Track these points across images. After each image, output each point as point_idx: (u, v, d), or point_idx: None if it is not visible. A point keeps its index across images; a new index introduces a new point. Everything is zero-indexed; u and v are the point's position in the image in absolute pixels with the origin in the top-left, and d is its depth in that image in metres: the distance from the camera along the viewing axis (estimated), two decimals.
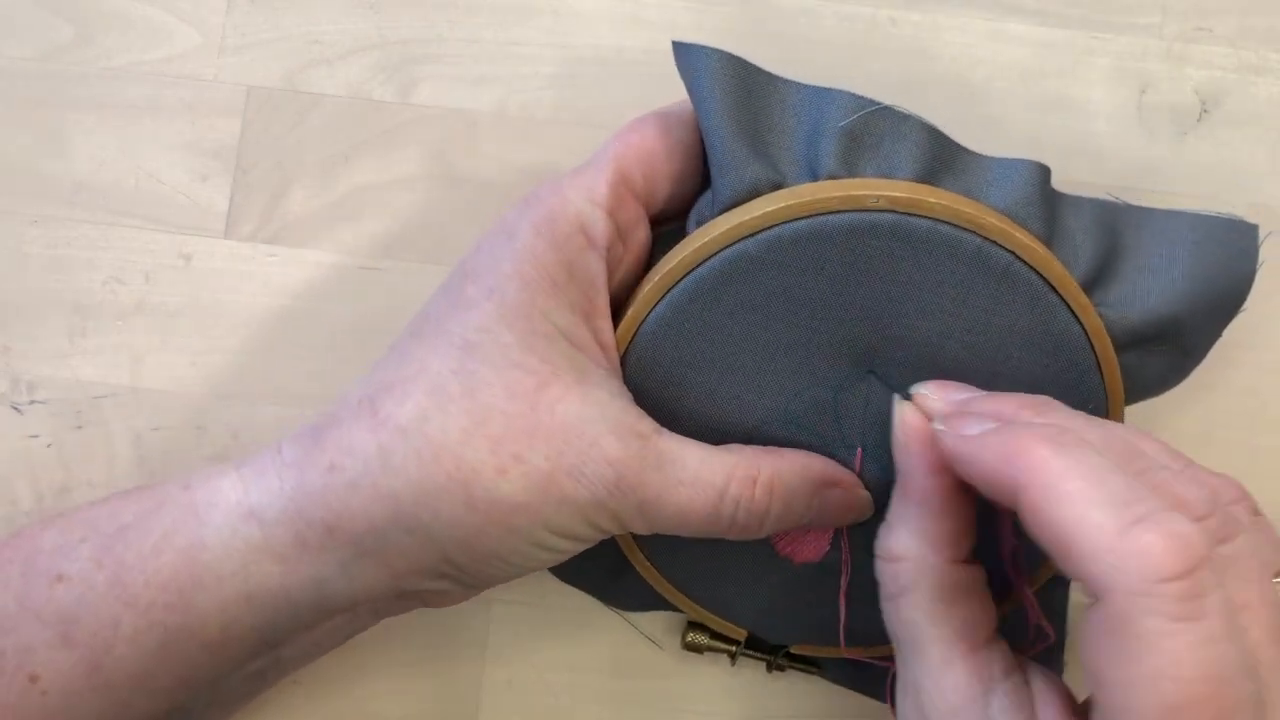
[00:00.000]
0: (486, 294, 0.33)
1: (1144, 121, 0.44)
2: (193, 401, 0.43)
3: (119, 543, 0.33)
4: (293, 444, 0.34)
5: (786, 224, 0.34)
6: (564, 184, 0.34)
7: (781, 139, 0.35)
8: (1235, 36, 0.44)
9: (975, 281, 0.34)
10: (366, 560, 0.33)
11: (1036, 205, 0.35)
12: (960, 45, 0.44)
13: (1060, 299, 0.34)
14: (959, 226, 0.34)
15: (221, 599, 0.33)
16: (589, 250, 0.34)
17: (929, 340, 0.35)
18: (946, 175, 0.35)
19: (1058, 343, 0.35)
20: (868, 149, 0.35)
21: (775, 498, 0.34)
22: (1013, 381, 0.35)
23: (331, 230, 0.43)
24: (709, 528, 0.34)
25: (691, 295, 0.34)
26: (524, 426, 0.32)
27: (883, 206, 0.33)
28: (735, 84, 0.35)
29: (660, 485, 0.33)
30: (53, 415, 0.43)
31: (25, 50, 0.44)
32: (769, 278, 0.34)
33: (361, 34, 0.44)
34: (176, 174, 0.43)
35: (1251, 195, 0.43)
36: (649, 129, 0.35)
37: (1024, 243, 0.34)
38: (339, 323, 0.43)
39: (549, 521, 0.32)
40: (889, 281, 0.34)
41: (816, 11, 0.44)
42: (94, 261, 0.43)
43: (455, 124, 0.44)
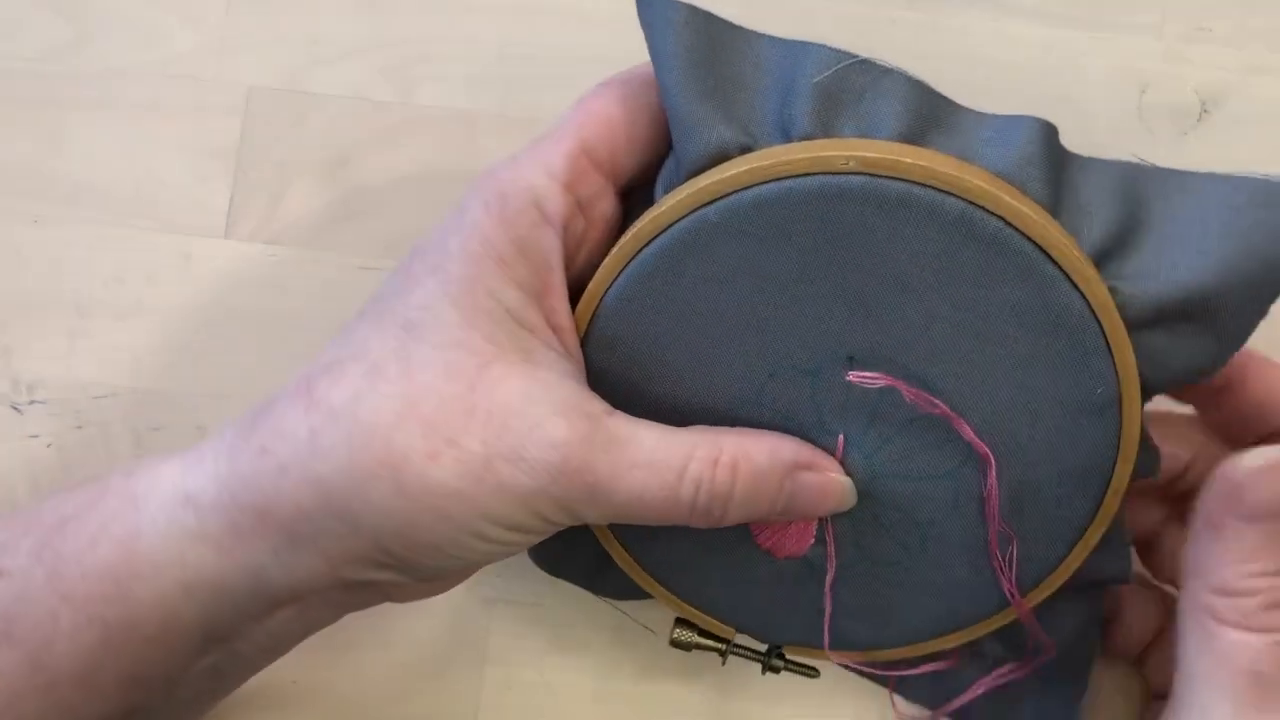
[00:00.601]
0: (430, 271, 0.31)
1: (1144, 121, 0.44)
2: (192, 401, 0.43)
3: (58, 535, 0.32)
4: (234, 426, 0.32)
5: (749, 189, 0.31)
6: (519, 158, 0.33)
7: (752, 98, 0.32)
8: (1236, 36, 0.44)
9: (960, 251, 0.30)
10: (301, 548, 0.31)
11: (1038, 166, 0.31)
12: (960, 45, 0.44)
13: (1059, 270, 0.30)
14: (939, 189, 0.30)
15: (160, 589, 0.31)
16: (542, 226, 0.32)
17: (912, 318, 0.31)
18: (936, 134, 0.32)
19: (1058, 319, 0.31)
20: (846, 107, 0.31)
21: (740, 479, 0.32)
22: (1009, 363, 0.32)
23: (331, 230, 0.43)
24: (669, 513, 0.31)
25: (652, 268, 0.32)
26: (460, 408, 0.30)
27: (853, 169, 0.30)
28: (699, 39, 0.32)
29: (611, 468, 0.30)
30: (53, 415, 0.43)
31: (25, 50, 0.44)
32: (732, 247, 0.31)
33: (361, 34, 0.44)
34: (176, 174, 0.43)
35: None
36: (611, 94, 0.33)
37: (1013, 207, 0.30)
38: (339, 323, 0.43)
39: (486, 511, 0.30)
40: (863, 253, 0.31)
41: (816, 11, 0.44)
42: (94, 261, 0.43)
43: (455, 124, 0.44)
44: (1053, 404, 0.32)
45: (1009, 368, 0.32)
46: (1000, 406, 0.32)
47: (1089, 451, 0.33)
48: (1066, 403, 0.32)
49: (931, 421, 0.33)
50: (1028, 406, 0.32)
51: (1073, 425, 0.32)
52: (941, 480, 0.34)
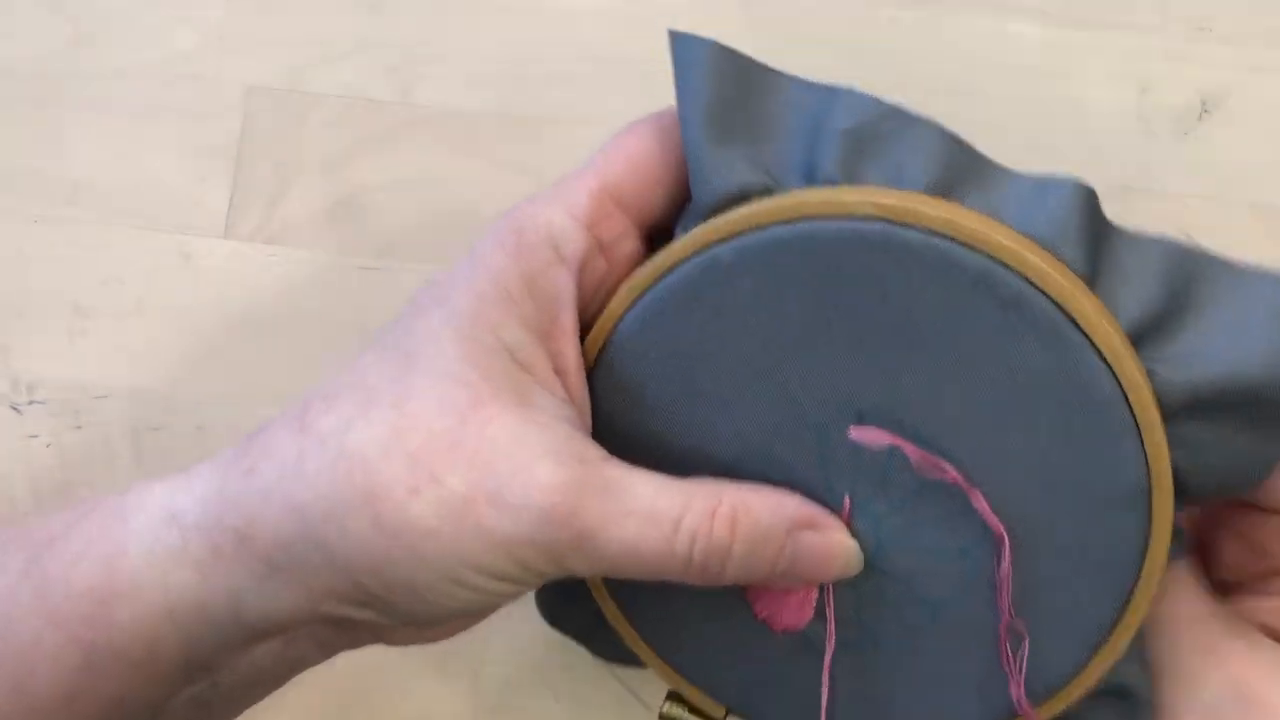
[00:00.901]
0: (437, 303, 0.31)
1: (1144, 121, 0.44)
2: (193, 401, 0.43)
3: (46, 554, 0.31)
4: (232, 448, 0.32)
5: (764, 229, 0.30)
6: (540, 196, 0.32)
7: (778, 141, 0.31)
8: (1236, 36, 0.44)
9: (979, 310, 0.29)
10: (281, 576, 0.30)
11: (1074, 230, 0.29)
12: (960, 45, 0.44)
13: (1085, 339, 0.28)
14: (960, 242, 0.29)
15: (141, 612, 0.30)
16: (556, 265, 0.31)
17: (926, 378, 0.30)
18: (965, 190, 0.30)
19: (1082, 393, 0.29)
20: (874, 155, 0.30)
21: (739, 534, 0.30)
22: (1027, 438, 0.29)
23: (331, 230, 0.43)
24: (663, 567, 0.30)
25: (661, 305, 0.31)
26: (447, 444, 0.29)
27: (872, 215, 0.29)
28: (726, 79, 0.31)
29: (603, 515, 0.29)
30: (52, 415, 0.43)
31: (25, 50, 0.44)
32: (743, 288, 0.30)
33: (361, 34, 0.44)
34: (176, 174, 0.43)
35: (1253, 195, 0.43)
36: (642, 134, 0.32)
37: (1038, 266, 0.28)
38: (339, 323, 0.43)
39: (464, 555, 0.29)
40: (879, 304, 0.29)
41: (816, 11, 0.44)
42: (94, 261, 0.43)
43: (455, 124, 0.44)
44: (1074, 488, 0.30)
45: (1027, 443, 0.30)
46: (1016, 484, 0.30)
47: (1114, 546, 0.30)
48: (1090, 488, 0.30)
49: (944, 491, 0.31)
50: (1047, 488, 0.30)
51: (1096, 515, 0.30)
52: (953, 557, 0.31)
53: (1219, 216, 0.43)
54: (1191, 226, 0.43)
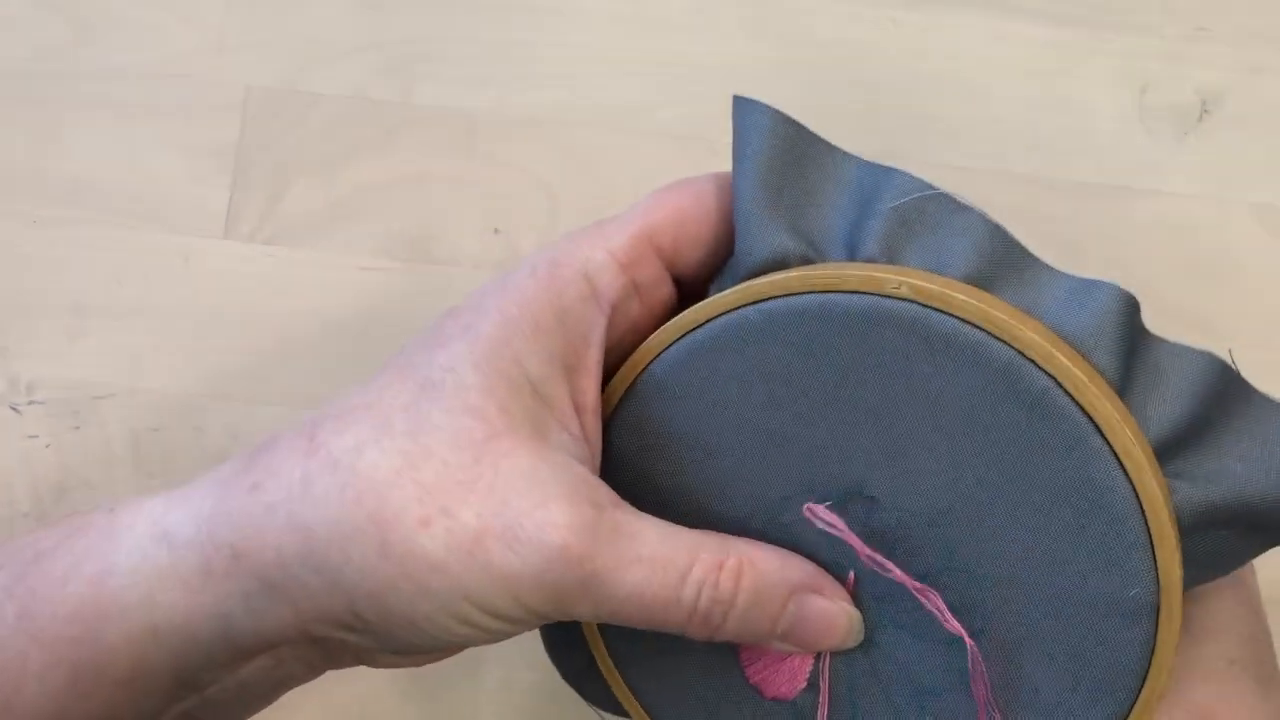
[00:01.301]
0: (461, 330, 0.30)
1: (1144, 121, 0.44)
2: (192, 401, 0.43)
3: (33, 571, 0.31)
4: (231, 462, 0.31)
5: (796, 296, 0.30)
6: (581, 232, 0.32)
7: (824, 213, 0.31)
8: (1236, 36, 0.44)
9: (1001, 404, 0.29)
10: (272, 596, 0.30)
11: (1109, 335, 0.29)
12: (961, 45, 0.44)
13: (1107, 446, 0.28)
14: (989, 333, 0.28)
15: (127, 632, 0.30)
16: (589, 300, 0.31)
17: (940, 464, 0.30)
18: (1004, 283, 0.30)
19: (1097, 500, 0.28)
20: (917, 237, 0.30)
21: (743, 588, 0.30)
22: (1036, 537, 0.29)
23: (331, 230, 0.43)
24: (667, 615, 0.29)
25: (686, 359, 0.31)
26: (462, 478, 0.28)
27: (904, 295, 0.29)
28: (782, 147, 0.31)
29: (613, 560, 0.29)
30: (51, 416, 0.43)
31: (25, 50, 0.44)
32: (769, 352, 0.30)
33: (361, 34, 0.44)
34: (176, 174, 0.43)
35: (1253, 195, 0.43)
36: (693, 189, 0.32)
37: (1065, 366, 0.28)
38: (339, 323, 0.43)
39: (469, 591, 0.28)
40: (902, 384, 0.29)
41: (817, 11, 0.44)
42: (94, 261, 0.43)
43: (455, 124, 0.44)
44: (1080, 595, 0.29)
45: (1036, 542, 0.29)
46: (1019, 583, 0.30)
47: (1116, 660, 0.30)
48: (1095, 597, 0.29)
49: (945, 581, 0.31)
50: (1051, 591, 0.30)
51: (1098, 625, 0.30)
52: (950, 647, 0.31)
53: (1219, 216, 0.43)
54: (1191, 226, 0.43)
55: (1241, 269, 0.43)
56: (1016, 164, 0.43)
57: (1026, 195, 0.43)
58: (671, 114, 0.44)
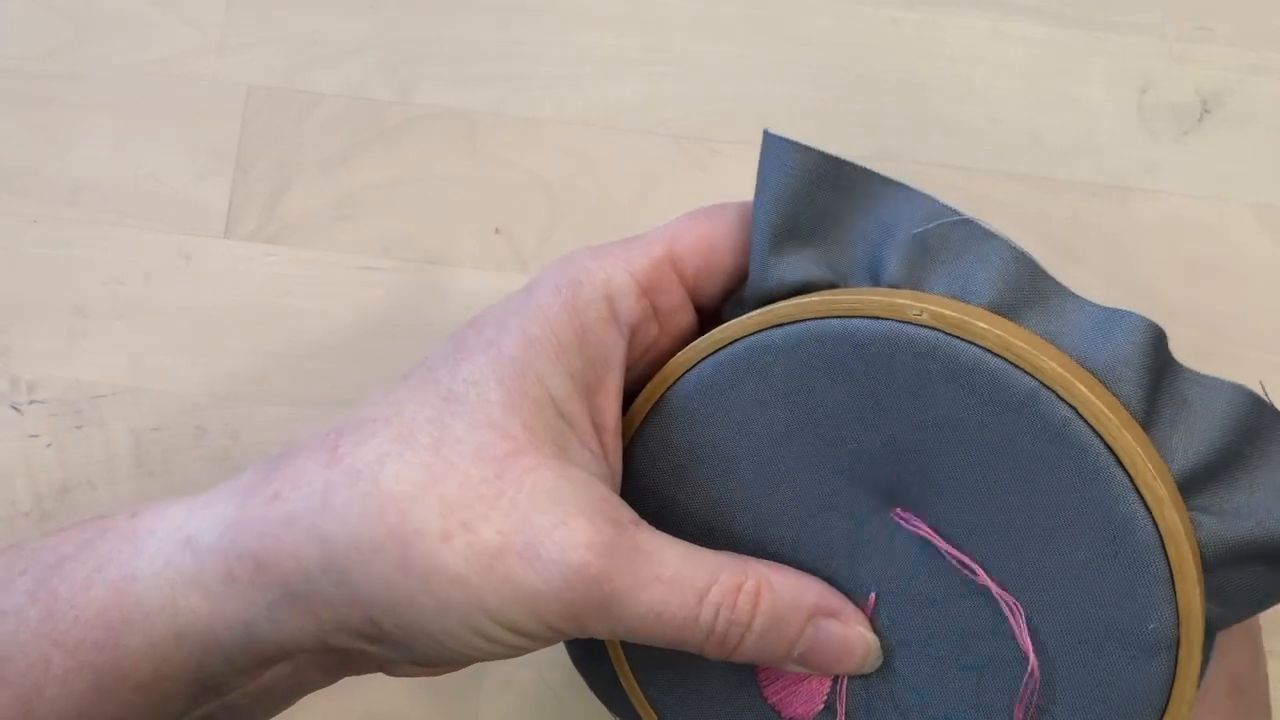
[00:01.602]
0: (485, 346, 0.30)
1: (1145, 121, 0.44)
2: (193, 401, 0.43)
3: (55, 575, 0.31)
4: (253, 469, 0.31)
5: (817, 320, 0.30)
6: (603, 249, 0.31)
7: (848, 238, 0.31)
8: (1236, 36, 0.44)
9: (1022, 434, 0.29)
10: (293, 605, 0.30)
11: (1135, 367, 0.29)
12: (960, 45, 0.44)
13: (1128, 479, 0.28)
14: (1012, 363, 0.28)
15: (151, 637, 0.30)
16: (609, 321, 0.31)
17: (961, 491, 0.30)
18: (1029, 312, 0.30)
19: (1118, 534, 0.28)
20: (941, 263, 0.30)
21: (761, 611, 0.30)
22: (1057, 567, 0.29)
23: (331, 230, 0.43)
24: (684, 635, 0.30)
25: (709, 381, 0.31)
26: (484, 493, 0.29)
27: (925, 321, 0.29)
28: (806, 176, 0.31)
29: (632, 579, 0.29)
30: (52, 415, 0.43)
31: (25, 50, 0.44)
32: (792, 375, 0.30)
33: (361, 34, 0.44)
34: (176, 174, 0.43)
35: (1253, 195, 0.43)
36: (722, 217, 0.32)
37: (1086, 397, 0.28)
38: (339, 323, 0.43)
39: (488, 605, 0.28)
40: (922, 410, 0.29)
41: (817, 11, 0.44)
42: (94, 261, 0.43)
43: (455, 124, 0.44)
44: (1100, 625, 0.29)
45: (1055, 572, 0.29)
46: (1037, 610, 0.30)
47: (1133, 694, 0.29)
48: (1116, 629, 0.29)
49: (967, 606, 0.31)
50: (1071, 621, 0.30)
51: (1119, 656, 0.29)
52: (968, 672, 0.31)
53: (1219, 216, 0.43)
54: (1191, 226, 0.43)
55: (1241, 269, 0.43)
56: (1016, 164, 0.43)
57: (1026, 195, 0.43)
58: (671, 114, 0.44)
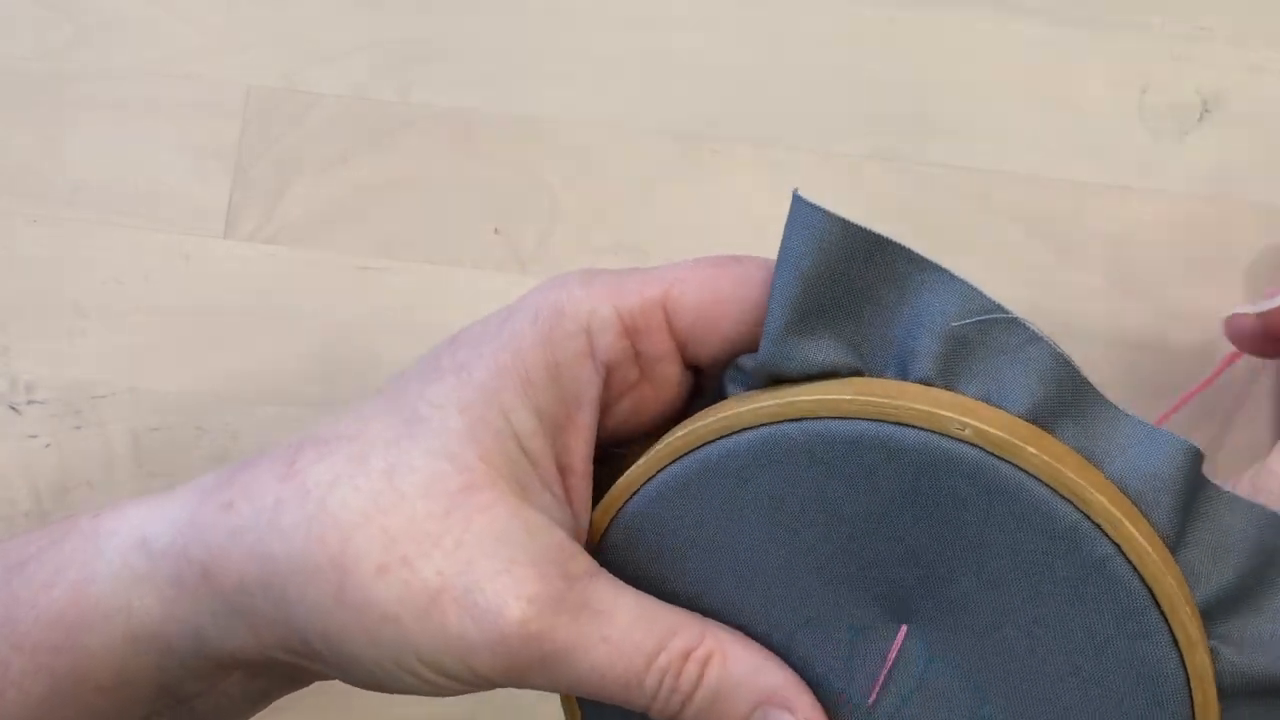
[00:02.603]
0: (455, 369, 0.29)
1: (1145, 121, 0.43)
2: (192, 401, 0.43)
3: (17, 577, 0.30)
4: (216, 473, 0.31)
5: (847, 420, 0.28)
6: (599, 278, 0.30)
7: (876, 319, 0.30)
8: (1237, 36, 0.44)
9: (1059, 564, 0.28)
10: (235, 618, 0.29)
11: (1171, 492, 0.28)
12: (961, 44, 0.44)
13: (1164, 622, 0.27)
14: (1055, 491, 0.27)
15: (108, 638, 0.29)
16: (586, 359, 0.29)
17: (983, 615, 0.28)
18: (1066, 423, 0.29)
19: (1144, 676, 0.28)
20: (977, 362, 0.29)
21: (706, 683, 0.28)
22: (1075, 700, 0.28)
23: (331, 230, 0.43)
24: (628, 696, 0.28)
25: (716, 464, 0.29)
26: (430, 530, 0.27)
27: (969, 438, 0.27)
28: (842, 253, 0.29)
29: (576, 638, 0.27)
30: (51, 415, 0.43)
31: (25, 50, 0.44)
32: (810, 474, 0.29)
33: (361, 34, 0.44)
34: (176, 174, 0.43)
35: (1253, 195, 0.43)
36: (734, 272, 0.30)
37: (1134, 538, 0.27)
38: (339, 323, 0.43)
39: (418, 648, 0.27)
40: (954, 529, 0.28)
41: (817, 11, 0.44)
42: (94, 261, 0.43)
43: (455, 124, 0.44)
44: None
45: (1070, 706, 0.28)
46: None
47: None
48: None
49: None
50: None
51: None
52: None
53: (1219, 216, 0.43)
54: (1191, 226, 0.43)
55: (1241, 269, 0.43)
56: (1016, 164, 0.43)
57: (1026, 195, 0.43)
58: (671, 114, 0.44)
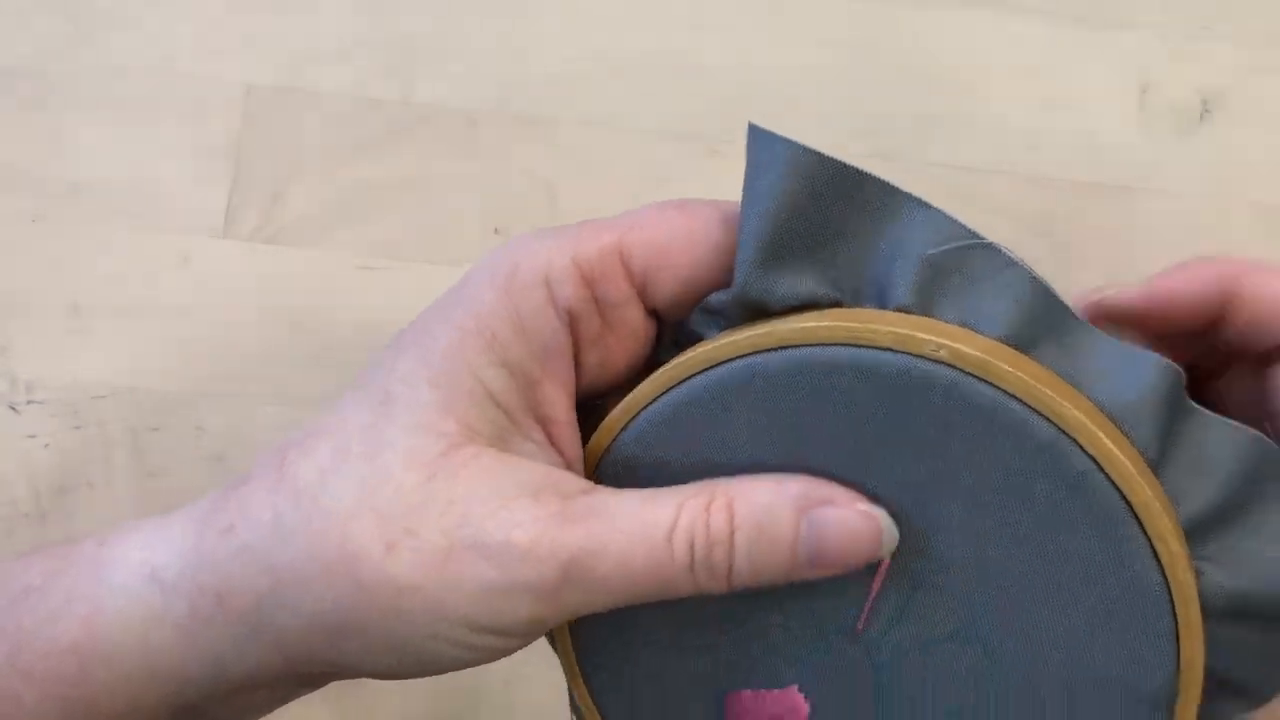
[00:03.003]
0: (418, 343, 0.29)
1: (1145, 121, 0.43)
2: (192, 401, 0.43)
3: (22, 606, 0.30)
4: (213, 495, 0.30)
5: (824, 346, 0.28)
6: (552, 232, 0.30)
7: (853, 251, 0.30)
8: (1237, 36, 0.44)
9: (1038, 482, 0.28)
10: (259, 639, 0.29)
11: (1151, 412, 0.28)
12: (961, 44, 0.44)
13: (1144, 535, 0.28)
14: (1032, 408, 0.27)
15: (123, 670, 0.29)
16: (548, 308, 0.29)
17: (966, 536, 0.29)
18: (1045, 346, 0.29)
19: (1127, 590, 0.28)
20: (954, 289, 0.29)
21: (742, 524, 0.28)
22: (1059, 617, 0.28)
23: (331, 230, 0.43)
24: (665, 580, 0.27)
25: (696, 401, 0.29)
26: (417, 500, 0.28)
27: (944, 359, 0.27)
28: (805, 182, 0.29)
29: (588, 539, 0.27)
30: (51, 415, 0.43)
31: (25, 50, 0.44)
32: (790, 403, 0.29)
33: (362, 33, 0.44)
34: (175, 174, 0.43)
35: (1253, 195, 0.43)
36: (686, 212, 0.30)
37: (1111, 452, 0.27)
38: (339, 323, 0.43)
39: (448, 609, 0.27)
40: (933, 451, 0.28)
41: (817, 10, 0.44)
42: (94, 261, 0.43)
43: (455, 124, 0.44)
44: (1094, 678, 0.29)
45: (1055, 622, 0.29)
46: (1032, 659, 0.29)
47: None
48: (1111, 683, 0.29)
49: (955, 648, 0.30)
50: (1064, 671, 0.29)
51: (1111, 712, 0.29)
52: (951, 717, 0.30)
53: (1219, 216, 0.43)
54: (1191, 226, 0.43)
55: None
56: (1016, 164, 0.43)
57: (1026, 195, 0.43)
58: (671, 114, 0.44)
